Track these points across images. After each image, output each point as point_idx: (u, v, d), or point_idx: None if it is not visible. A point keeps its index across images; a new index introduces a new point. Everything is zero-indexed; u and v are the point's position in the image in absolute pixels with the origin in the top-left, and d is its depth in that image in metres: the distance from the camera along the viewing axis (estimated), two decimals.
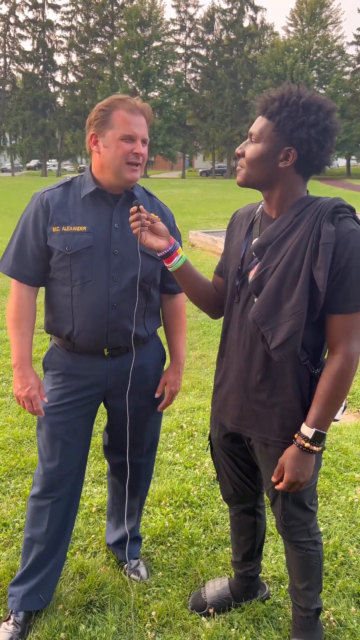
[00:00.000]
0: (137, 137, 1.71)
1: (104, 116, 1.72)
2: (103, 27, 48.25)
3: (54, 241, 1.77)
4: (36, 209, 1.79)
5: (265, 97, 1.49)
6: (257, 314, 1.50)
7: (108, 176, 1.77)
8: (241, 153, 1.53)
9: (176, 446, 3.23)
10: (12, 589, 1.97)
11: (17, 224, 1.84)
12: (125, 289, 1.80)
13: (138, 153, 1.72)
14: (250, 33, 47.55)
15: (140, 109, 1.74)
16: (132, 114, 1.71)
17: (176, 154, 49.17)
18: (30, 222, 1.80)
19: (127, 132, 1.70)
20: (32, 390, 1.82)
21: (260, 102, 1.50)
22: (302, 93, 1.45)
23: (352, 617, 2.00)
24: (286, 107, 1.44)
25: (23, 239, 1.81)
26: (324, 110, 1.44)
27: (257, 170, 1.50)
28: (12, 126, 46.30)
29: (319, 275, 1.42)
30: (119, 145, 1.71)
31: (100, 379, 1.88)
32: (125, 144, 1.71)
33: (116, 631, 1.92)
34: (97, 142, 1.75)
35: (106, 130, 1.72)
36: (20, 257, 1.81)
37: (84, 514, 2.58)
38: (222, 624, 1.97)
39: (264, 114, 1.49)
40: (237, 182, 1.57)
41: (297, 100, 1.43)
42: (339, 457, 3.11)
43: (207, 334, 5.42)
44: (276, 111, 1.45)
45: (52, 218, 1.77)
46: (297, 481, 1.54)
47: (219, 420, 1.78)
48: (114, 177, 1.75)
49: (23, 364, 1.83)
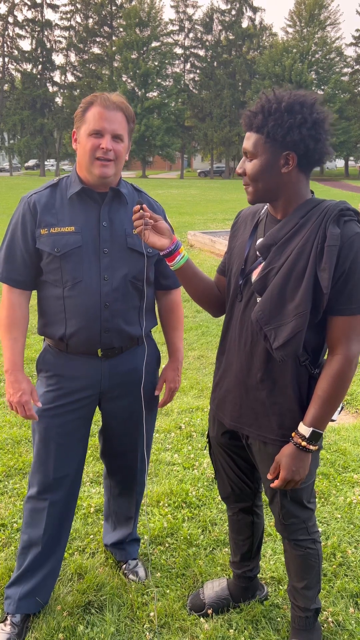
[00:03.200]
0: (105, 131, 1.68)
1: (82, 112, 1.72)
2: (102, 27, 48.26)
3: (43, 243, 1.75)
4: (24, 212, 1.78)
5: (246, 113, 1.50)
6: (260, 313, 1.50)
7: (85, 173, 1.75)
8: (242, 172, 1.54)
9: (174, 446, 3.23)
10: (8, 591, 1.95)
11: (7, 229, 1.83)
12: (116, 288, 1.79)
13: (104, 148, 1.68)
14: (249, 34, 47.64)
15: (117, 104, 1.71)
16: (106, 109, 1.69)
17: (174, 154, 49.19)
18: (18, 226, 1.78)
19: (95, 127, 1.68)
20: (23, 396, 1.80)
21: (243, 119, 1.51)
22: (281, 97, 1.46)
23: (350, 618, 2.00)
24: (270, 116, 1.44)
25: (12, 244, 1.80)
26: (306, 105, 1.44)
27: (263, 184, 1.51)
28: (10, 126, 46.24)
29: (324, 277, 1.43)
30: (88, 140, 1.69)
31: (94, 380, 1.86)
32: (94, 139, 1.69)
33: (115, 632, 1.92)
34: (76, 139, 1.75)
35: (81, 126, 1.72)
36: (10, 262, 1.80)
37: (82, 515, 2.57)
38: (220, 624, 1.96)
39: (251, 129, 1.49)
40: (248, 201, 1.58)
41: (278, 106, 1.44)
42: (338, 458, 3.12)
43: (206, 334, 5.41)
44: (262, 123, 1.45)
45: (40, 220, 1.76)
46: (292, 479, 1.55)
47: (218, 417, 1.79)
48: (87, 173, 1.74)
49: (15, 369, 1.81)
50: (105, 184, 1.76)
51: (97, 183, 1.75)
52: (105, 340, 1.81)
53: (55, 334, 1.82)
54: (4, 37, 46.97)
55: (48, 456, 1.87)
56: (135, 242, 1.80)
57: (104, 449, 2.11)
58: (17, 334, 1.82)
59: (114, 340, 1.83)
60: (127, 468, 2.08)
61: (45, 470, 1.88)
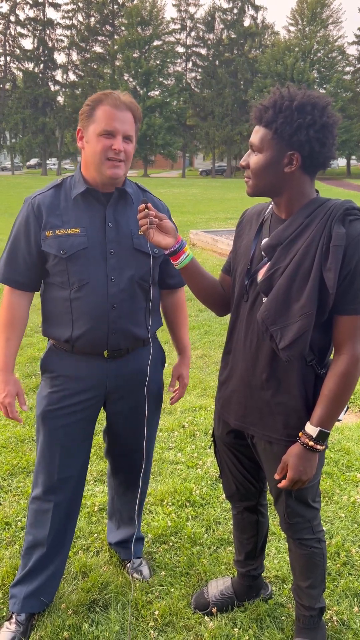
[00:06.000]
0: (117, 132, 1.67)
1: (89, 111, 1.69)
2: (104, 25, 48.23)
3: (48, 245, 1.74)
4: (27, 214, 1.77)
5: (258, 107, 1.49)
6: (266, 313, 1.50)
7: (93, 173, 1.73)
8: (245, 165, 1.54)
9: (178, 445, 3.23)
10: (13, 590, 1.95)
11: (11, 229, 1.82)
12: (123, 289, 1.78)
13: (116, 149, 1.67)
14: (251, 32, 47.55)
15: (127, 105, 1.69)
16: (116, 109, 1.67)
17: (176, 153, 49.17)
18: (22, 228, 1.78)
19: (107, 127, 1.66)
20: (7, 398, 1.82)
21: (254, 112, 1.50)
22: (294, 95, 1.45)
23: (355, 617, 2.00)
24: (280, 112, 1.44)
25: (15, 246, 1.79)
26: (318, 107, 1.44)
27: (264, 179, 1.51)
28: (12, 125, 46.24)
29: (329, 277, 1.43)
30: (99, 140, 1.67)
31: (100, 381, 1.85)
32: (105, 140, 1.67)
33: (119, 630, 1.92)
34: (82, 138, 1.73)
35: (89, 125, 1.69)
36: (12, 264, 1.79)
37: (87, 513, 2.57)
38: (225, 623, 1.97)
39: (260, 123, 1.49)
40: (247, 193, 1.58)
41: (290, 104, 1.43)
42: (341, 457, 3.12)
43: (209, 333, 5.41)
44: (272, 119, 1.45)
45: (45, 223, 1.74)
46: (300, 479, 1.55)
47: (223, 417, 1.79)
48: (96, 173, 1.72)
49: (4, 369, 1.82)
50: (114, 184, 1.76)
51: (107, 183, 1.74)
52: (113, 341, 1.80)
53: (62, 336, 1.80)
54: (5, 36, 46.96)
55: (52, 457, 1.86)
56: (141, 242, 1.80)
57: (109, 449, 2.11)
58: (10, 335, 1.82)
59: (120, 342, 1.82)
60: (131, 468, 2.08)
61: (49, 471, 1.88)
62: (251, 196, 1.58)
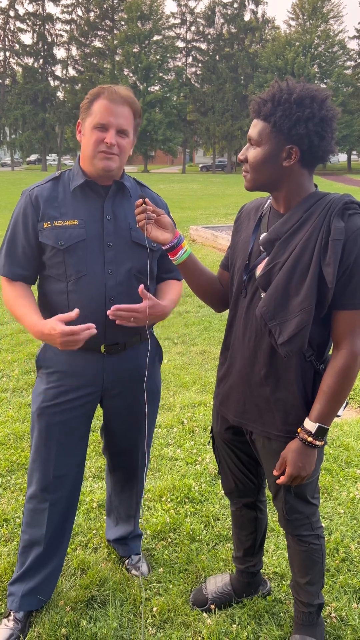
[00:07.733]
0: (110, 126, 1.67)
1: (88, 104, 1.70)
2: (103, 20, 48.02)
3: (46, 237, 1.73)
4: (25, 205, 1.76)
5: (256, 100, 1.48)
6: (264, 309, 1.49)
7: (89, 166, 1.74)
8: (244, 159, 1.52)
9: (177, 442, 3.22)
10: (12, 588, 1.95)
11: (9, 222, 1.81)
12: (121, 282, 1.76)
13: (108, 142, 1.66)
14: (252, 27, 47.34)
15: (124, 99, 1.69)
16: (112, 102, 1.67)
17: (176, 148, 49.03)
18: (20, 220, 1.76)
19: (100, 120, 1.66)
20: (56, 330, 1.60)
21: (252, 105, 1.49)
22: (293, 88, 1.44)
23: (353, 613, 2.00)
24: (279, 106, 1.42)
25: (14, 238, 1.78)
26: (317, 100, 1.42)
27: (263, 173, 1.49)
28: (11, 120, 46.12)
29: (329, 271, 1.41)
30: (92, 133, 1.68)
31: (97, 377, 1.83)
32: (98, 132, 1.67)
33: (117, 627, 1.92)
34: (81, 131, 1.74)
35: (87, 118, 1.70)
36: (11, 256, 1.78)
37: (85, 510, 2.57)
38: (223, 619, 1.96)
39: (258, 117, 1.47)
40: (245, 187, 1.56)
41: (288, 97, 1.42)
42: (340, 453, 3.11)
43: (208, 329, 5.40)
44: (270, 112, 1.43)
45: (43, 214, 1.74)
46: (299, 475, 1.55)
47: (222, 413, 1.78)
48: (91, 166, 1.72)
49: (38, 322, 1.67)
50: (109, 177, 1.75)
51: (101, 175, 1.73)
52: (110, 335, 1.79)
53: None
54: (5, 31, 46.78)
55: (48, 454, 1.84)
56: (139, 236, 1.78)
57: (106, 446, 2.10)
58: (24, 301, 1.74)
59: (117, 336, 1.80)
60: (129, 465, 2.07)
61: (45, 469, 1.85)
62: (249, 190, 1.56)
